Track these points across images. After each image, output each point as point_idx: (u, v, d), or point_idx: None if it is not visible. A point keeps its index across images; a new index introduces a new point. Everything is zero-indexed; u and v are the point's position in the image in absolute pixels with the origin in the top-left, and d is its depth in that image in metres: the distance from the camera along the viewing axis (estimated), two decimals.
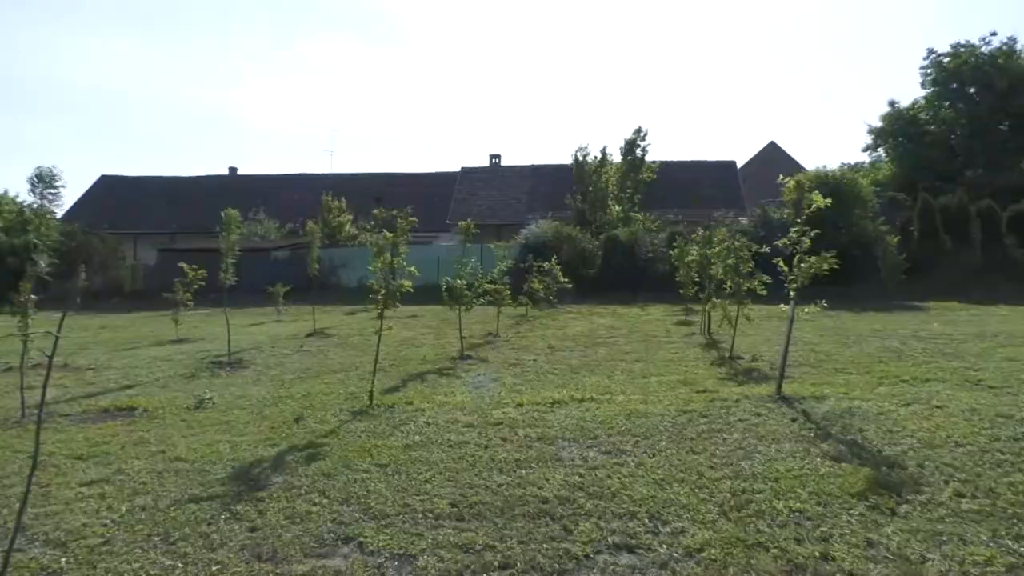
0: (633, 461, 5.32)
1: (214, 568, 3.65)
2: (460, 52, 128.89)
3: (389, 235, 8.63)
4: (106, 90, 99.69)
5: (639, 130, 31.78)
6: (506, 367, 10.15)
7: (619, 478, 4.93)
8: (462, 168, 41.57)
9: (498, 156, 43.01)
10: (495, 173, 41.46)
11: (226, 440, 6.32)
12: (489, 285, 13.59)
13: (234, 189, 39.84)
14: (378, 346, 8.39)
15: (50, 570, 3.67)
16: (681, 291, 15.80)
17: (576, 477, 4.96)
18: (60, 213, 41.80)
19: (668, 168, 34.40)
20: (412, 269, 8.77)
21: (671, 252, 17.75)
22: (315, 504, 4.55)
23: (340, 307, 21.60)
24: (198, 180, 43.10)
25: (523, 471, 5.14)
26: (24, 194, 42.53)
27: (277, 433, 6.56)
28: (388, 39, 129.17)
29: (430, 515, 4.32)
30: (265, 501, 4.63)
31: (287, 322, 18.26)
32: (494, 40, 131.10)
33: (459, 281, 12.23)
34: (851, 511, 4.24)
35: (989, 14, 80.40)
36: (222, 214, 12.40)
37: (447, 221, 34.95)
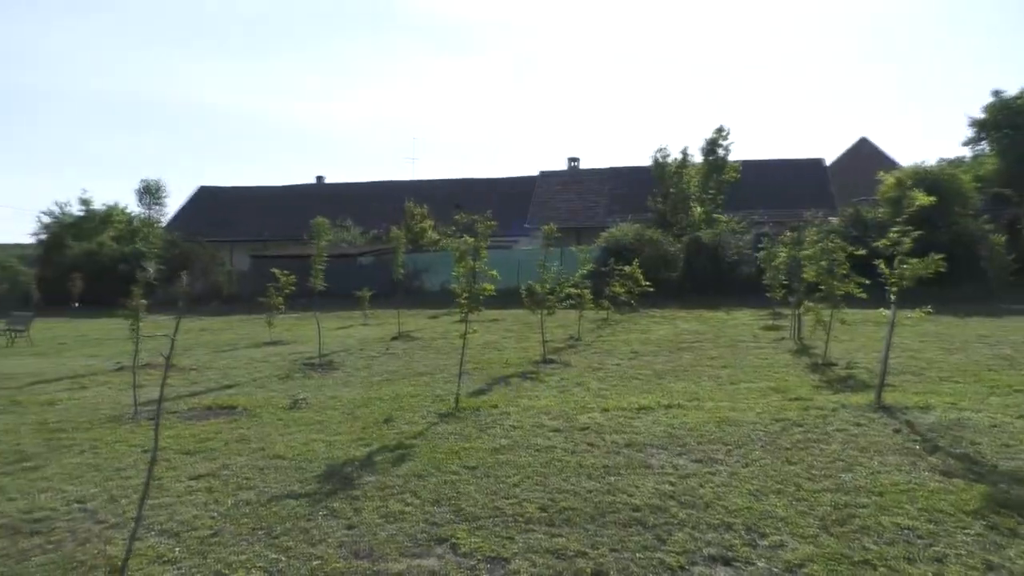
0: (726, 470, 5.18)
1: (315, 563, 3.78)
2: (538, 57, 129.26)
3: (470, 239, 8.75)
4: (202, 106, 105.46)
5: (720, 129, 30.95)
6: (589, 371, 10.09)
7: (712, 487, 4.81)
8: (540, 172, 41.65)
9: (576, 159, 42.87)
10: (574, 176, 41.33)
11: (321, 439, 6.56)
12: (571, 288, 13.55)
13: (321, 197, 41.33)
14: (463, 349, 8.51)
15: (165, 558, 3.90)
16: (768, 294, 15.29)
17: (667, 485, 4.87)
18: (163, 223, 44.55)
19: (752, 167, 33.33)
20: (493, 272, 8.86)
21: (758, 254, 17.20)
22: (408, 504, 4.65)
23: (423, 311, 22.03)
24: (288, 189, 44.94)
25: (612, 478, 5.09)
26: (132, 206, 45.33)
27: (368, 433, 6.75)
28: (466, 47, 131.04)
29: (520, 519, 4.34)
30: (360, 500, 4.77)
31: (373, 326, 18.77)
32: (571, 43, 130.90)
33: (542, 284, 12.27)
34: (966, 530, 3.99)
35: None
36: (312, 222, 12.92)
37: (526, 225, 35.10)
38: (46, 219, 36.88)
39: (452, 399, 8.01)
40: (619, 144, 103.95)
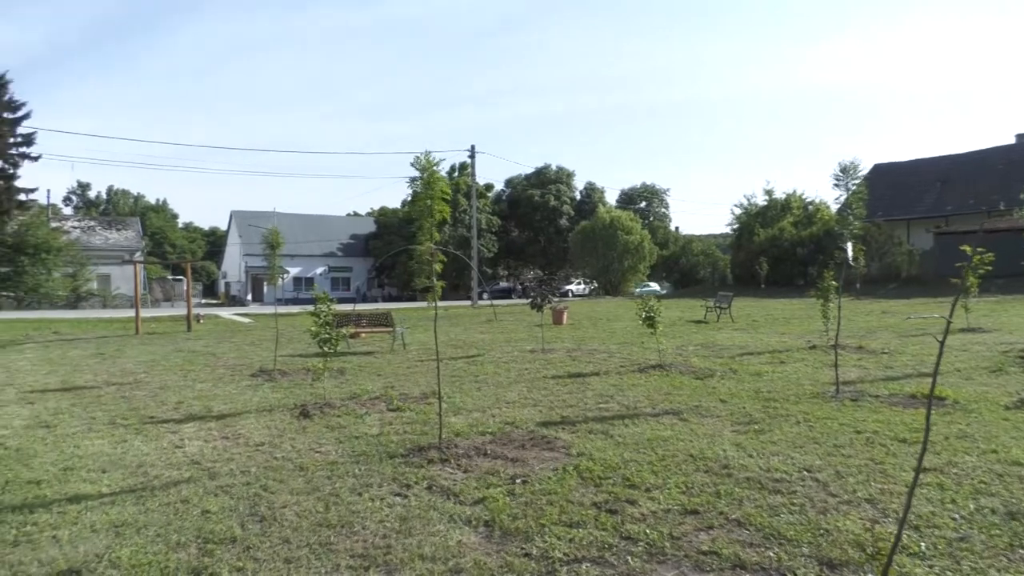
0: None
1: None
2: None
3: None
4: (849, 88, 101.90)
5: None
6: None
7: None
8: None
9: None
10: None
11: None
12: None
13: (1021, 159, 34.58)
14: None
15: (911, 551, 3.70)
16: None
17: None
18: (835, 205, 45.04)
19: None
20: None
21: None
22: None
23: None
24: (976, 155, 39.18)
25: None
26: (808, 192, 47.21)
27: None
28: None
29: None
30: None
31: None
32: None
33: None
34: None
35: None
36: None
37: None
38: (737, 211, 41.80)
39: None
40: None
